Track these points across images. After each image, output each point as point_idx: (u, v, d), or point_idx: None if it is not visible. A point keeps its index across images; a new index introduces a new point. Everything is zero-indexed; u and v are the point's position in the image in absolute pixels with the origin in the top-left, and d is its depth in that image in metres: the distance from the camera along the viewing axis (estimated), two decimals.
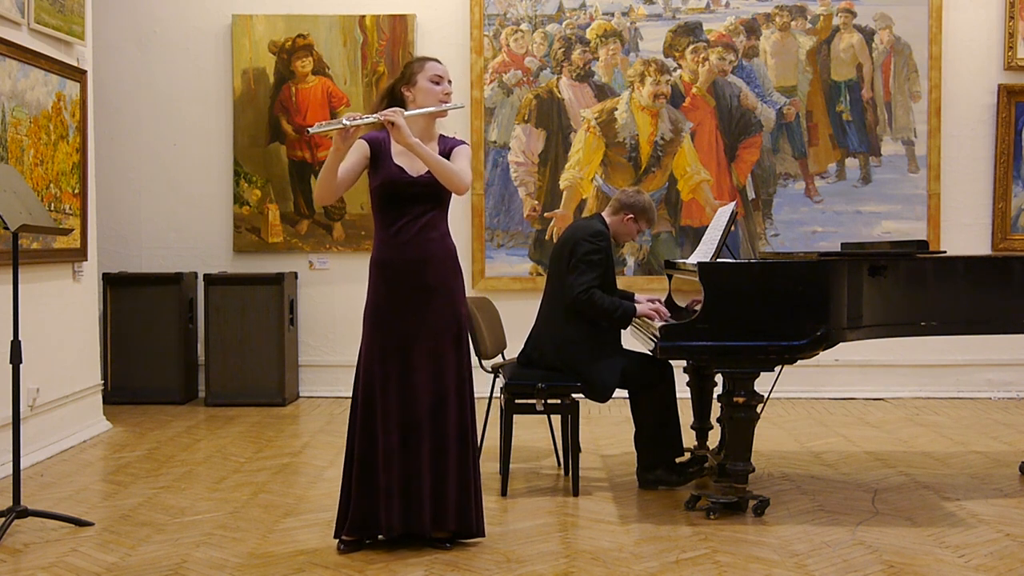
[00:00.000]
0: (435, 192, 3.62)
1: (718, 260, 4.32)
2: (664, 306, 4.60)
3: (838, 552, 3.64)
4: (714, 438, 4.91)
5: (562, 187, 7.12)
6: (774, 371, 4.07)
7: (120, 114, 7.23)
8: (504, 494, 4.43)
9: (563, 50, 7.11)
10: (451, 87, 3.74)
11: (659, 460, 4.55)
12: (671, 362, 4.46)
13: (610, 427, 6.02)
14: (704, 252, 4.63)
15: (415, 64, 3.74)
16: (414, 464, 3.58)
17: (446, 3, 7.16)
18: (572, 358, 4.43)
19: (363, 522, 3.63)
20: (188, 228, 7.27)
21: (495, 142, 7.14)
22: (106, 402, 6.29)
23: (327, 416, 6.45)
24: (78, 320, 5.73)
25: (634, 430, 4.59)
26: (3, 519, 3.84)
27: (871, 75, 7.09)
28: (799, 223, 7.11)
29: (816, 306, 4.01)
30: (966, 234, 7.08)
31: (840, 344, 4.10)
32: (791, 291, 4.02)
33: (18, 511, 3.87)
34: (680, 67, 7.10)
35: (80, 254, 5.70)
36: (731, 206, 4.66)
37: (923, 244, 4.71)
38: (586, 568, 3.49)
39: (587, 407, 6.12)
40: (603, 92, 7.11)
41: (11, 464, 3.97)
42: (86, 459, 5.27)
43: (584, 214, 7.05)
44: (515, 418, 4.56)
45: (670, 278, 5.23)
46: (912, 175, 7.10)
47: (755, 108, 7.09)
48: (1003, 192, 7.07)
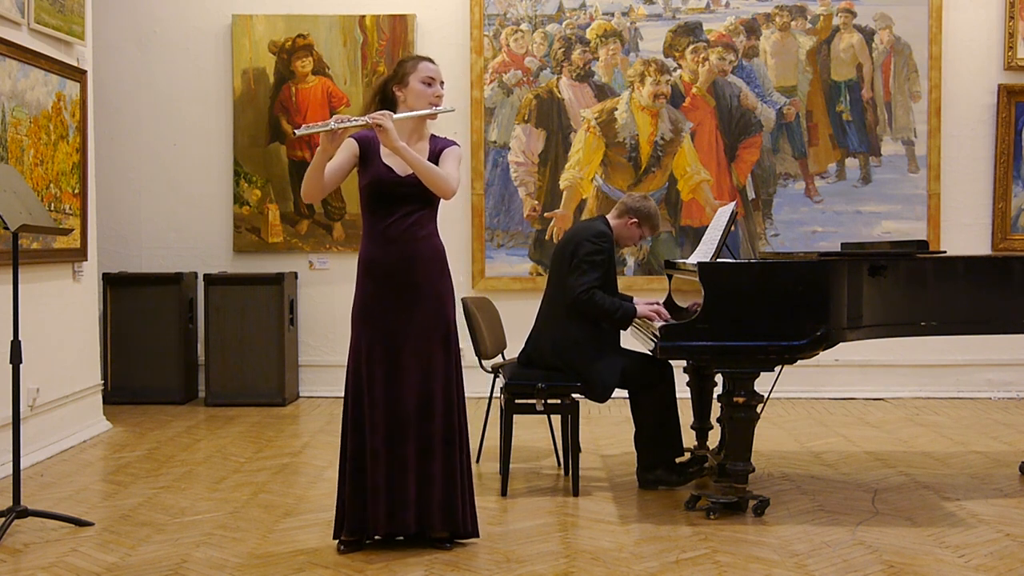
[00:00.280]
0: (423, 192, 3.60)
1: (718, 260, 4.32)
2: (664, 307, 4.60)
3: (838, 552, 3.64)
4: (714, 438, 4.90)
5: (562, 187, 7.12)
6: (774, 371, 4.07)
7: (120, 114, 7.23)
8: (504, 494, 4.44)
9: (563, 50, 7.11)
10: (443, 89, 3.72)
11: (659, 460, 4.55)
12: (671, 362, 4.46)
13: (610, 427, 6.02)
14: (704, 252, 4.63)
15: (408, 64, 3.72)
16: (399, 464, 3.57)
17: (446, 3, 7.16)
18: (572, 358, 4.43)
19: (355, 522, 3.63)
20: (188, 228, 7.27)
21: (495, 142, 7.14)
22: (106, 402, 6.29)
23: (327, 416, 6.45)
24: (78, 320, 5.73)
25: (634, 430, 4.59)
26: (3, 519, 3.84)
27: (871, 75, 7.09)
28: (799, 223, 7.12)
29: (816, 306, 4.01)
30: (966, 234, 7.08)
31: (840, 344, 4.10)
32: (791, 291, 4.02)
33: (18, 511, 3.87)
34: (680, 67, 7.11)
35: (80, 254, 5.70)
36: (731, 206, 4.66)
37: (923, 244, 4.71)
38: (586, 568, 3.49)
39: (587, 407, 6.12)
40: (603, 92, 7.11)
41: (11, 464, 3.97)
42: (86, 459, 5.27)
43: (584, 214, 7.05)
44: (515, 418, 4.56)
45: (670, 278, 5.23)
46: (912, 175, 7.10)
47: (755, 108, 7.09)
48: (1003, 192, 7.07)
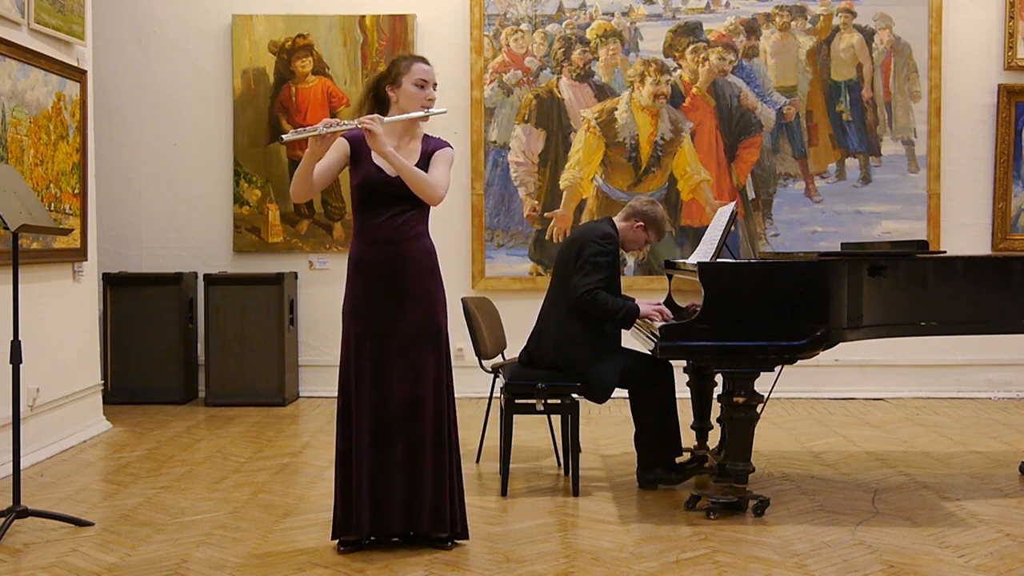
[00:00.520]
0: (413, 193, 3.61)
1: (718, 260, 4.32)
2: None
3: (838, 552, 3.64)
4: (714, 438, 4.90)
5: (562, 187, 7.12)
6: (774, 371, 4.07)
7: (120, 114, 7.23)
8: (504, 494, 4.44)
9: (563, 50, 7.11)
10: (435, 92, 3.69)
11: (659, 460, 4.55)
12: (671, 362, 4.46)
13: (610, 427, 6.02)
14: (704, 252, 4.63)
15: (402, 64, 3.70)
16: (384, 464, 3.57)
17: (446, 3, 7.16)
18: (572, 357, 4.43)
19: (346, 521, 3.63)
20: (188, 228, 7.27)
21: (495, 142, 7.14)
22: (106, 402, 6.29)
23: (327, 416, 6.45)
24: (78, 320, 5.73)
25: (634, 430, 4.59)
26: (3, 519, 3.84)
27: (871, 75, 7.09)
28: (799, 223, 7.11)
29: (816, 306, 4.01)
30: (966, 234, 7.08)
31: (840, 344, 4.10)
32: (791, 291, 4.02)
33: (18, 511, 3.87)
34: (680, 67, 7.10)
35: (80, 254, 5.70)
36: (731, 206, 4.66)
37: (923, 244, 4.71)
38: (586, 568, 3.49)
39: (587, 407, 6.12)
40: (603, 92, 7.11)
41: (11, 464, 3.97)
42: (86, 459, 5.27)
43: (584, 214, 7.05)
44: (515, 418, 4.56)
45: (670, 278, 5.23)
46: (912, 175, 7.10)
47: (755, 108, 7.09)
48: (1003, 192, 7.07)
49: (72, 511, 4.16)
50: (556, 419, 4.89)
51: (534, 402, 4.42)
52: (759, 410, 4.10)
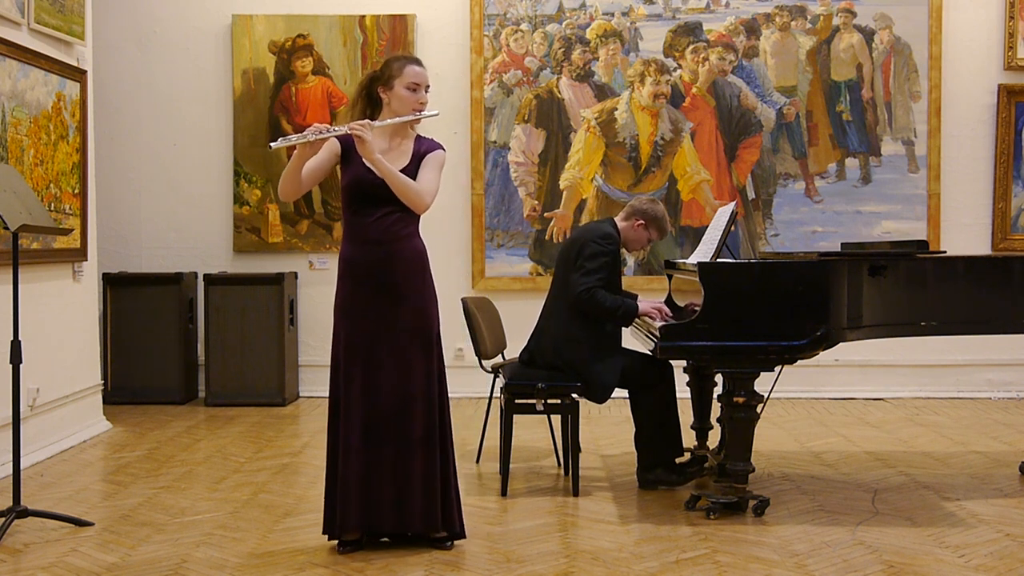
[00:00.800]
0: None
1: (718, 260, 4.32)
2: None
3: (838, 552, 3.64)
4: (714, 438, 4.90)
5: (562, 187, 7.12)
6: (774, 371, 4.07)
7: (120, 114, 7.23)
8: (504, 494, 4.43)
9: (563, 50, 7.11)
10: (428, 95, 3.67)
11: (659, 460, 4.55)
12: (671, 362, 4.46)
13: (610, 427, 6.02)
14: (704, 252, 4.63)
15: (395, 65, 3.67)
16: (375, 463, 3.58)
17: (446, 3, 7.16)
18: (572, 357, 4.43)
19: (335, 518, 3.64)
20: (188, 228, 7.27)
21: (495, 142, 7.13)
22: (106, 402, 6.29)
23: (327, 416, 6.43)
24: (78, 320, 5.73)
25: (634, 430, 4.59)
26: (3, 519, 3.84)
27: (871, 75, 7.09)
28: (799, 223, 7.11)
29: (816, 306, 4.01)
30: (966, 234, 7.08)
31: (840, 344, 4.10)
32: (791, 291, 4.02)
33: (18, 511, 3.87)
34: (680, 67, 7.10)
35: (80, 254, 5.70)
36: (731, 206, 4.66)
37: (923, 244, 4.71)
38: (586, 568, 3.49)
39: (587, 407, 6.12)
40: (603, 92, 7.11)
41: (11, 464, 3.97)
42: (86, 459, 5.27)
43: (584, 214, 7.05)
44: (515, 418, 4.56)
45: (670, 278, 5.23)
46: (912, 175, 7.10)
47: (755, 108, 7.09)
48: (1003, 192, 7.07)
49: (72, 511, 4.16)
50: (556, 419, 4.89)
51: (534, 402, 4.42)
52: (759, 410, 4.10)
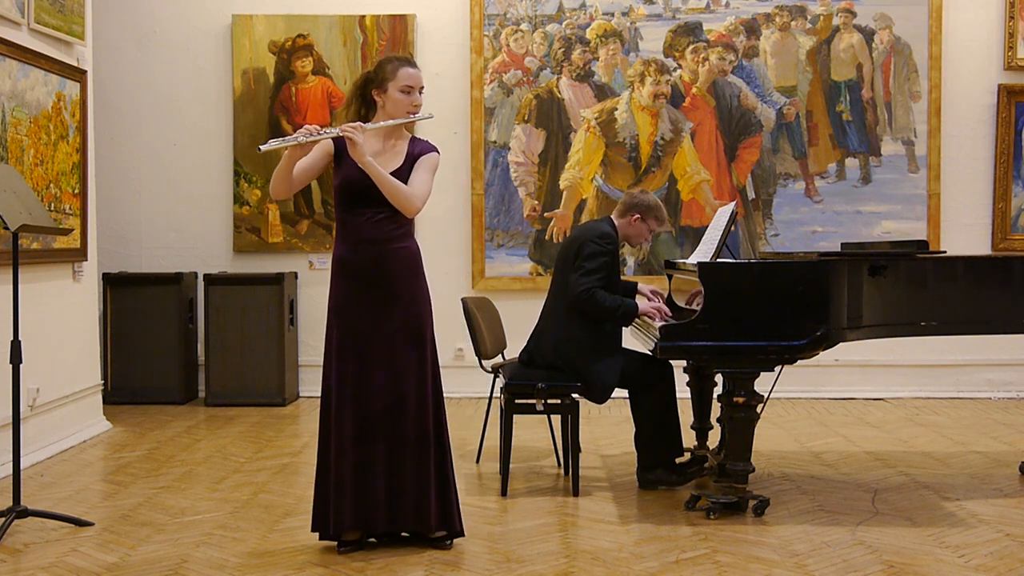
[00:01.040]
0: None
1: (718, 260, 4.32)
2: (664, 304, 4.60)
3: (838, 552, 3.64)
4: (714, 438, 4.90)
5: (562, 187, 7.12)
6: (774, 371, 4.07)
7: (120, 114, 7.23)
8: (504, 494, 4.44)
9: (563, 50, 7.11)
10: (422, 96, 3.66)
11: (659, 460, 4.55)
12: (671, 362, 4.46)
13: (610, 427, 6.02)
14: (704, 252, 4.63)
15: (388, 68, 3.66)
16: (367, 462, 3.58)
17: (446, 3, 7.16)
18: (572, 357, 4.43)
19: (322, 516, 3.65)
20: (188, 228, 7.27)
21: (495, 142, 7.13)
22: (106, 402, 6.29)
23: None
24: (78, 320, 5.72)
25: (634, 430, 4.59)
26: (3, 519, 3.84)
27: (871, 75, 7.09)
28: (799, 223, 7.11)
29: (816, 306, 4.01)
30: (966, 234, 7.08)
31: (840, 344, 4.10)
32: (791, 291, 4.02)
33: (18, 511, 3.87)
34: (680, 67, 7.10)
35: (80, 254, 5.70)
36: (731, 206, 4.66)
37: (923, 244, 4.71)
38: (586, 568, 3.49)
39: (587, 407, 6.12)
40: (603, 92, 7.11)
41: (11, 464, 3.97)
42: (86, 459, 5.27)
43: (584, 214, 7.05)
44: (515, 418, 4.56)
45: (670, 278, 5.23)
46: (912, 175, 7.10)
47: (755, 108, 7.09)
48: (1003, 192, 7.07)
49: (72, 511, 4.16)
50: (556, 419, 4.89)
51: (534, 402, 4.42)
52: (759, 410, 4.10)
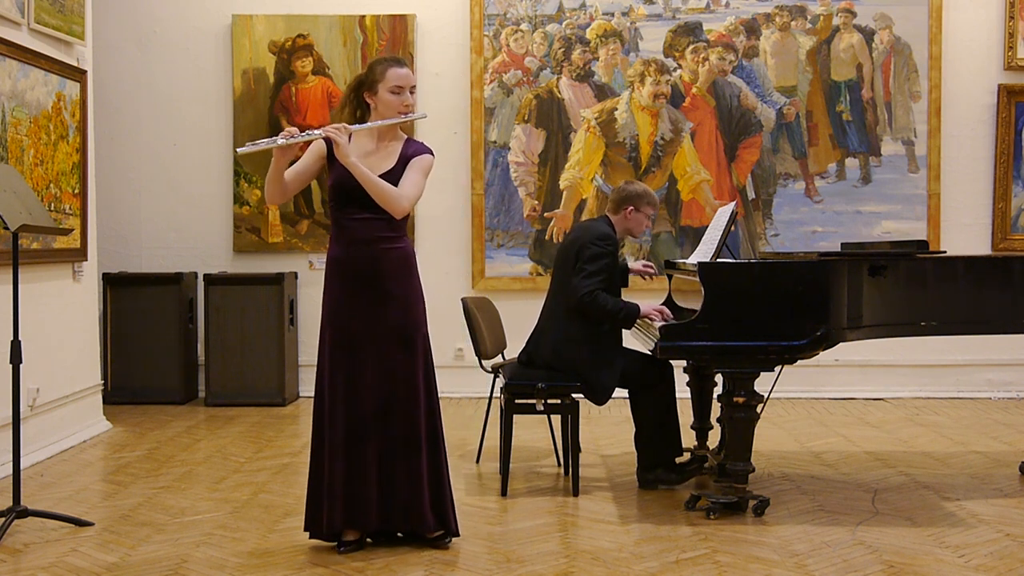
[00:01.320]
0: None
1: (718, 260, 4.32)
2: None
3: (838, 552, 3.64)
4: (714, 438, 4.90)
5: (562, 187, 7.12)
6: (774, 371, 4.07)
7: (120, 114, 7.23)
8: (504, 494, 4.43)
9: (563, 50, 7.11)
10: (413, 97, 3.65)
11: (659, 460, 4.55)
12: (671, 362, 4.46)
13: (610, 427, 6.02)
14: (704, 252, 4.63)
15: (378, 69, 3.65)
16: (358, 463, 3.59)
17: (446, 3, 7.16)
18: (572, 358, 4.43)
19: (315, 517, 3.65)
20: (188, 228, 7.27)
21: (495, 142, 7.13)
22: (106, 402, 6.28)
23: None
24: (78, 320, 5.72)
25: (634, 430, 4.59)
26: (3, 519, 3.84)
27: (871, 75, 7.09)
28: (799, 223, 7.11)
29: (816, 306, 4.01)
30: (966, 234, 7.08)
31: (840, 344, 4.10)
32: (791, 291, 4.02)
33: (18, 511, 3.87)
34: (680, 67, 7.10)
35: (80, 254, 5.70)
36: (731, 206, 4.65)
37: (923, 244, 4.71)
38: (586, 568, 3.49)
39: (587, 407, 6.11)
40: (603, 92, 7.11)
41: (11, 464, 3.97)
42: (86, 459, 5.27)
43: (584, 214, 7.05)
44: (515, 418, 4.56)
45: (670, 278, 5.23)
46: (912, 175, 7.10)
47: (755, 108, 7.09)
48: (1003, 192, 7.07)
49: (72, 511, 4.16)
50: (556, 419, 4.88)
51: (534, 402, 4.42)
52: (759, 410, 4.10)
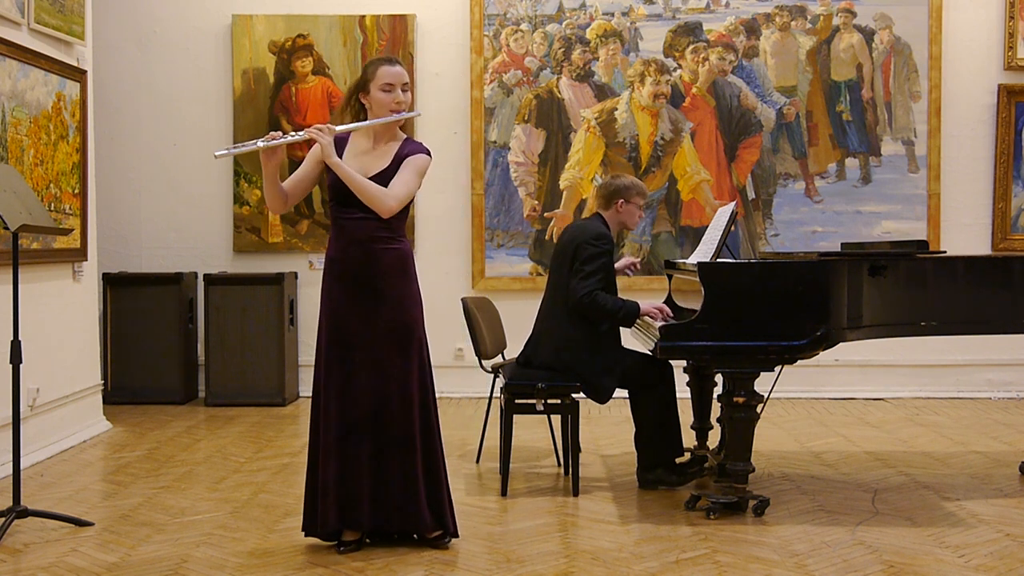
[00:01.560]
0: None
1: (718, 260, 4.32)
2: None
3: (838, 552, 3.64)
4: (714, 438, 4.90)
5: (562, 187, 7.12)
6: (774, 371, 4.07)
7: (120, 114, 7.23)
8: (504, 494, 4.44)
9: (563, 50, 7.11)
10: (405, 94, 3.64)
11: (659, 460, 4.55)
12: (671, 362, 4.46)
13: (610, 427, 6.02)
14: (704, 252, 4.63)
15: (369, 69, 3.67)
16: (351, 464, 3.59)
17: (446, 3, 7.16)
18: (572, 359, 4.42)
19: (311, 517, 3.67)
20: (188, 228, 7.27)
21: (495, 142, 7.13)
22: (106, 402, 6.29)
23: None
24: (78, 320, 5.72)
25: (634, 430, 4.59)
26: (3, 519, 3.84)
27: (871, 75, 7.09)
28: (799, 223, 7.11)
29: (816, 306, 4.01)
30: (966, 234, 7.08)
31: (840, 344, 4.10)
32: (791, 291, 4.02)
33: (18, 511, 3.87)
34: (680, 67, 7.10)
35: (80, 254, 5.70)
36: (731, 206, 4.65)
37: (923, 244, 4.71)
38: (586, 568, 3.49)
39: (587, 407, 6.12)
40: (603, 92, 7.11)
41: (11, 464, 3.97)
42: (86, 459, 5.27)
43: (584, 214, 7.05)
44: (515, 418, 4.56)
45: (670, 278, 5.23)
46: (912, 175, 7.10)
47: (755, 108, 7.09)
48: (1003, 192, 7.07)
49: (72, 511, 4.16)
50: (556, 419, 4.88)
51: (534, 402, 4.42)
52: (759, 410, 4.10)
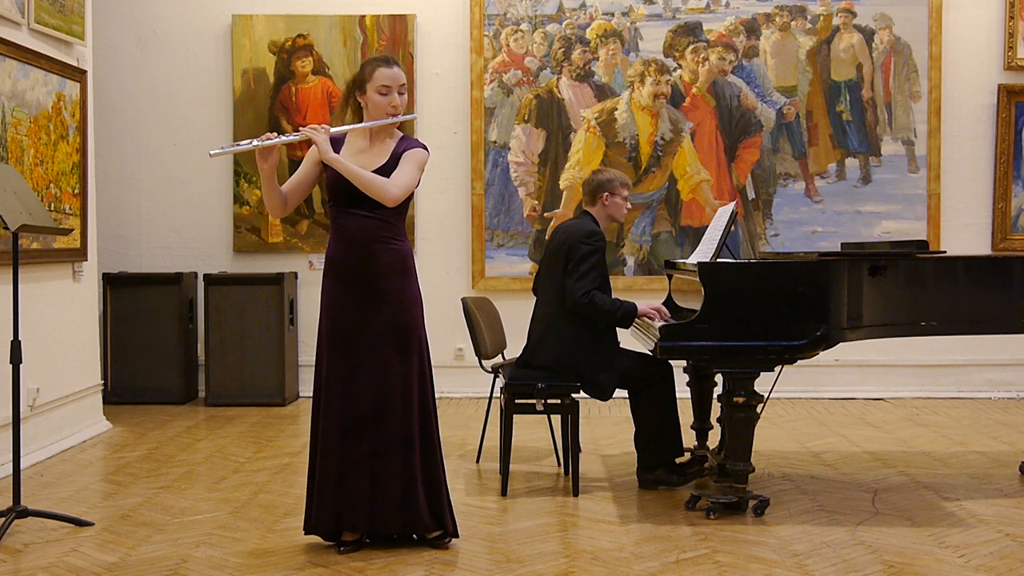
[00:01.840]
0: None
1: (718, 260, 4.32)
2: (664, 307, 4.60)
3: (838, 552, 3.64)
4: (714, 438, 4.90)
5: (562, 187, 7.12)
6: (774, 371, 4.07)
7: (120, 114, 7.23)
8: (504, 494, 4.44)
9: (563, 50, 7.11)
10: (402, 97, 3.64)
11: (659, 460, 4.55)
12: (671, 362, 4.46)
13: (610, 427, 6.02)
14: (704, 252, 4.63)
15: (366, 69, 3.68)
16: (350, 463, 3.59)
17: (446, 3, 7.16)
18: (572, 360, 4.42)
19: (311, 516, 3.67)
20: (188, 228, 7.27)
21: (495, 142, 7.13)
22: (106, 402, 6.29)
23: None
24: (78, 320, 5.72)
25: (634, 430, 4.59)
26: (3, 519, 3.84)
27: (871, 75, 7.09)
28: (799, 223, 7.11)
29: (816, 306, 4.01)
30: (966, 234, 7.08)
31: (840, 344, 4.10)
32: (791, 291, 4.02)
33: (18, 511, 3.87)
34: (680, 67, 7.10)
35: (80, 254, 5.70)
36: (731, 206, 4.66)
37: (923, 244, 4.71)
38: (586, 568, 3.49)
39: (587, 407, 6.12)
40: (603, 92, 7.11)
41: (11, 464, 3.97)
42: (86, 459, 5.27)
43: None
44: (515, 418, 4.56)
45: (670, 278, 5.23)
46: (912, 175, 7.10)
47: (755, 108, 7.09)
48: (1003, 192, 7.07)
49: (72, 511, 4.16)
50: (556, 419, 4.88)
51: (534, 402, 4.42)
52: (759, 410, 4.10)
